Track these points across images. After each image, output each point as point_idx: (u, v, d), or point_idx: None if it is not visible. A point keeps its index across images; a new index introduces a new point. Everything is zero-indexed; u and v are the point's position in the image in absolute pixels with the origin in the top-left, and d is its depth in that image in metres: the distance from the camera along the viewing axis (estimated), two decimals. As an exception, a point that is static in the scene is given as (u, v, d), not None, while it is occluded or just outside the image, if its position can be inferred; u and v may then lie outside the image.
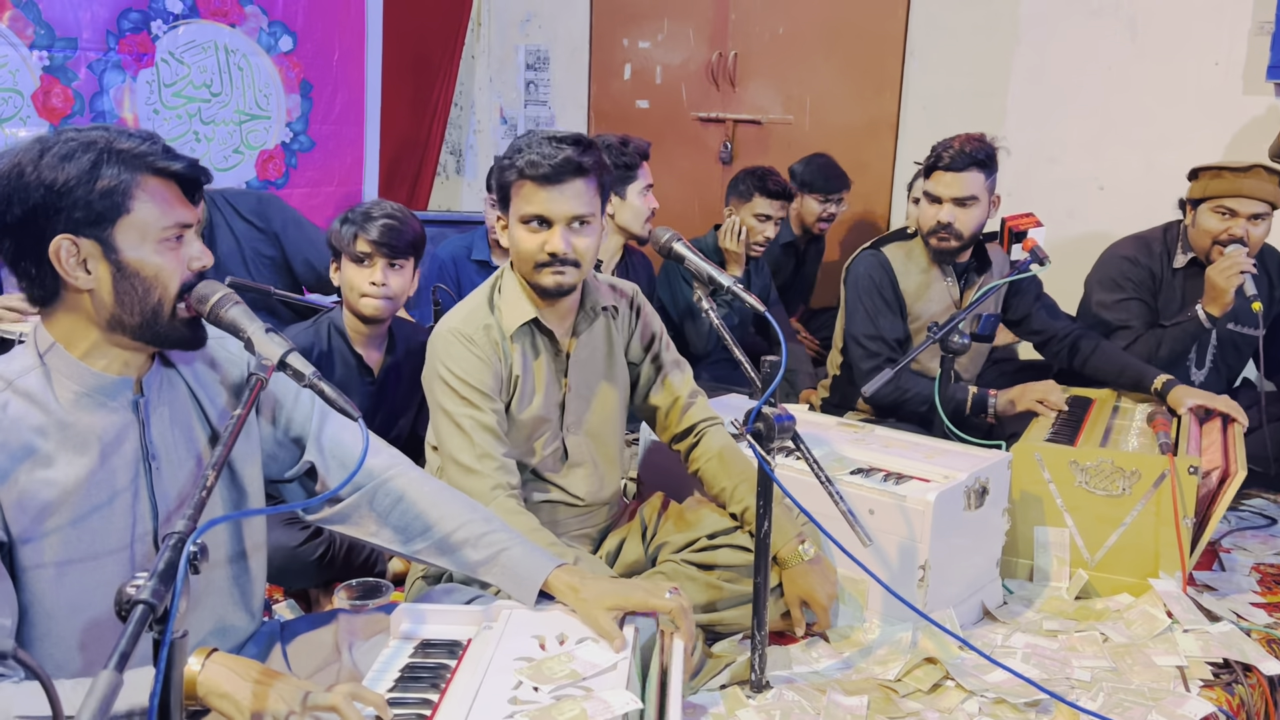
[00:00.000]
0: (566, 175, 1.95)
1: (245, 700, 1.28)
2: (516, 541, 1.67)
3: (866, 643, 2.09)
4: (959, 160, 2.80)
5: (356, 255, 2.43)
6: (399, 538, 1.67)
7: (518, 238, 2.01)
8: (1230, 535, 2.78)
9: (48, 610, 1.42)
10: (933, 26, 4.30)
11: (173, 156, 1.42)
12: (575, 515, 2.18)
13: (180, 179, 1.42)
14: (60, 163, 1.35)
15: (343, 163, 4.58)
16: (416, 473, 1.72)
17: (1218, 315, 2.93)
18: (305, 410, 1.66)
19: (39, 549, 1.39)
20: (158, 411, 1.50)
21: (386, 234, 2.44)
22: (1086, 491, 2.39)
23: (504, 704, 1.38)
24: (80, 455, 1.41)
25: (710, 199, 4.86)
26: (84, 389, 1.42)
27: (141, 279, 1.39)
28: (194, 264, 1.44)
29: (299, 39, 4.34)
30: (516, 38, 5.42)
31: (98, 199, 1.35)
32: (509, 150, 2.02)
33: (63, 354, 1.42)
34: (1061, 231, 4.02)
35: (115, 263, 1.38)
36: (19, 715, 1.26)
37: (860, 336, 2.93)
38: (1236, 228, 2.94)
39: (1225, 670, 2.06)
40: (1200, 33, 3.77)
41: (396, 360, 2.58)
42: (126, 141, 1.39)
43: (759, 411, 1.75)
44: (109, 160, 1.36)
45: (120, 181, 1.36)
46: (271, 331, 1.42)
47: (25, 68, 3.68)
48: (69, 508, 1.40)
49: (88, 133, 1.38)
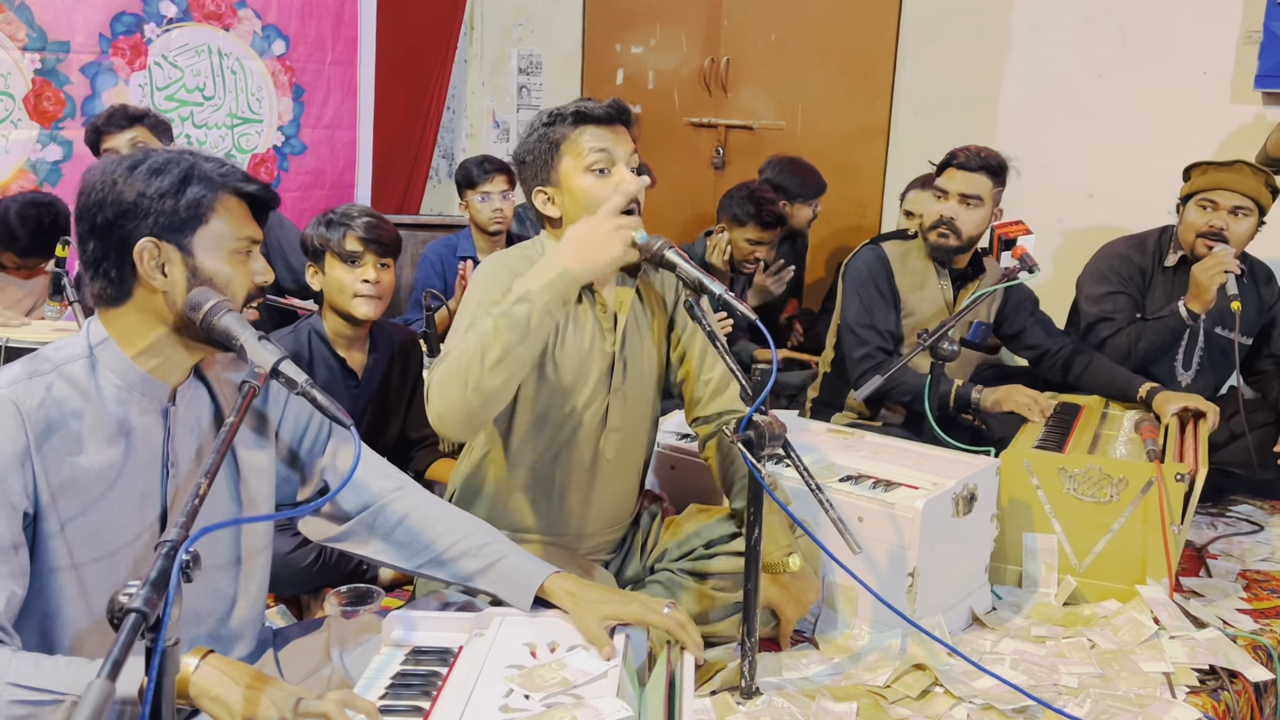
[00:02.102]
0: (620, 119, 1.96)
1: (237, 704, 1.29)
2: (515, 551, 1.69)
3: (856, 649, 2.10)
4: (972, 160, 2.87)
5: (347, 254, 2.43)
6: (402, 555, 1.70)
7: (583, 188, 1.93)
8: (1217, 541, 2.80)
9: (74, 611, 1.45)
10: (924, 33, 4.33)
11: (250, 180, 1.56)
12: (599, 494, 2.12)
13: (253, 200, 1.55)
14: (151, 176, 1.46)
15: (334, 167, 4.59)
16: (422, 495, 1.74)
17: (1199, 313, 2.95)
18: (319, 433, 1.71)
19: (62, 546, 1.43)
20: (184, 423, 1.55)
21: (374, 231, 2.45)
22: (1074, 498, 2.40)
23: (495, 711, 1.38)
24: (108, 447, 1.47)
25: (702, 204, 4.88)
26: (125, 384, 1.48)
27: (215, 285, 1.49)
28: (258, 278, 1.55)
29: (291, 43, 4.35)
30: (509, 42, 5.43)
31: (183, 209, 1.47)
32: (539, 121, 1.97)
33: (114, 349, 1.49)
34: (1052, 239, 4.04)
35: (192, 268, 1.48)
36: (11, 682, 1.29)
37: (854, 325, 2.95)
38: (1217, 219, 2.98)
39: (1211, 676, 2.07)
40: (1189, 41, 3.80)
41: (379, 361, 2.58)
42: (209, 164, 1.52)
43: (750, 419, 1.76)
44: (195, 178, 1.49)
45: (204, 196, 1.49)
46: (265, 339, 1.44)
47: (17, 70, 3.68)
48: (90, 501, 1.45)
49: (176, 154, 1.51)
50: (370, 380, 2.56)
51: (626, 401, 2.08)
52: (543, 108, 2.03)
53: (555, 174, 1.96)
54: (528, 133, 2.00)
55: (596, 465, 2.08)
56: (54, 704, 1.29)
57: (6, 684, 1.29)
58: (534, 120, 2.00)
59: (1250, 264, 3.18)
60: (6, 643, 1.34)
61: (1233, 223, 2.98)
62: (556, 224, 2.00)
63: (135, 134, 3.20)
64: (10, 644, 1.34)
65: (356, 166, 4.65)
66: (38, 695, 1.29)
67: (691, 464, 2.39)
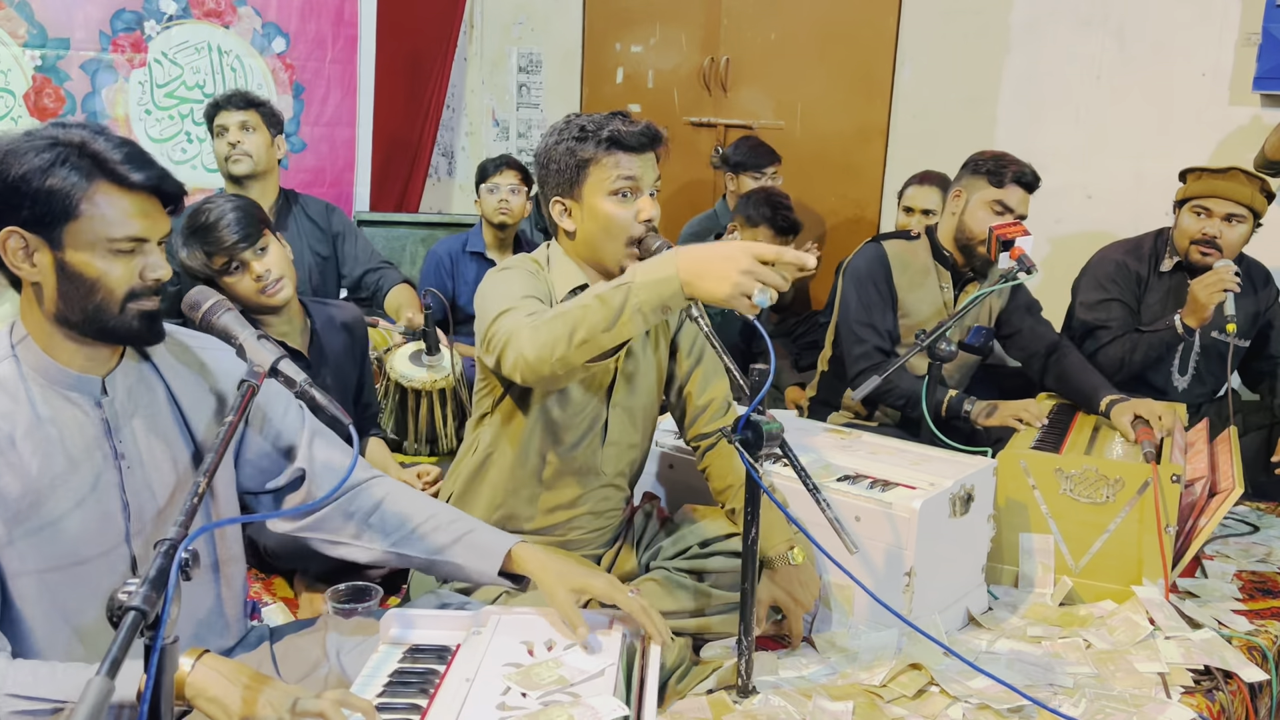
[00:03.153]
0: (652, 146, 1.97)
1: (234, 705, 1.29)
2: (483, 526, 1.70)
3: (852, 649, 2.10)
4: (1030, 181, 2.85)
5: (231, 266, 2.38)
6: (376, 537, 1.67)
7: (605, 211, 1.94)
8: (1212, 543, 2.81)
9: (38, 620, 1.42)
10: (924, 34, 4.33)
11: (138, 166, 1.39)
12: (593, 505, 2.14)
13: (144, 191, 1.40)
14: (22, 157, 1.35)
15: (334, 165, 4.59)
16: (392, 482, 1.74)
17: (1194, 328, 2.96)
18: (295, 421, 1.67)
19: (19, 553, 1.40)
20: (128, 412, 1.49)
21: (237, 229, 2.37)
22: (1071, 499, 2.41)
23: (492, 710, 1.39)
24: (46, 449, 1.42)
25: (701, 204, 4.88)
26: (48, 382, 1.43)
27: (84, 280, 1.39)
28: (149, 274, 1.42)
29: (292, 40, 4.35)
30: (509, 40, 5.43)
31: (45, 198, 1.35)
32: (569, 131, 1.95)
33: (31, 345, 1.43)
34: (1050, 240, 4.05)
35: (59, 261, 1.38)
36: (10, 693, 1.27)
37: (853, 323, 2.95)
38: (1210, 227, 3.00)
39: (1206, 677, 2.08)
40: (1188, 43, 3.80)
41: (325, 340, 2.57)
42: (97, 144, 1.38)
43: (747, 419, 1.76)
44: (64, 162, 1.36)
45: (70, 185, 1.36)
46: (264, 338, 1.43)
47: (17, 67, 3.68)
48: (40, 507, 1.41)
49: (68, 131, 1.38)
50: (318, 359, 2.55)
51: (625, 415, 2.11)
52: (573, 115, 2.00)
53: (578, 190, 1.96)
54: (556, 139, 1.98)
55: (592, 477, 2.11)
56: (54, 712, 1.28)
57: (5, 695, 1.27)
58: (563, 127, 1.98)
59: (1247, 265, 3.18)
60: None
61: (1226, 230, 3.01)
62: (570, 236, 2.01)
63: (246, 117, 3.26)
64: (2, 651, 1.33)
65: (356, 164, 4.65)
66: (38, 705, 1.28)
67: (690, 463, 2.40)
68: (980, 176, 2.87)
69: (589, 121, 1.95)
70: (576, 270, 2.02)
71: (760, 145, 4.25)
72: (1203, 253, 3.02)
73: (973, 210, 2.89)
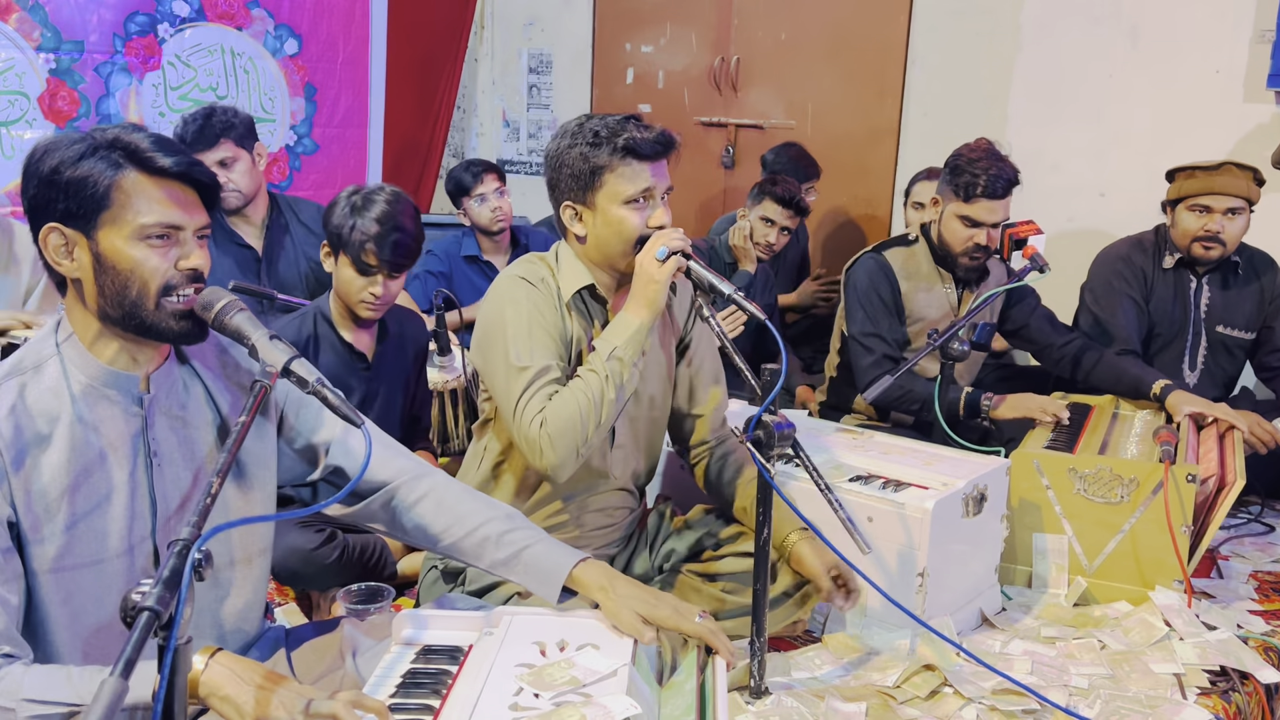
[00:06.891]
0: (666, 153, 1.97)
1: (247, 704, 1.29)
2: (539, 539, 1.66)
3: (865, 649, 2.10)
4: (1001, 188, 2.81)
5: (363, 266, 2.41)
6: (421, 536, 1.68)
7: (617, 218, 1.95)
8: (1228, 543, 2.79)
9: (53, 617, 1.43)
10: (934, 33, 4.32)
11: (167, 152, 1.40)
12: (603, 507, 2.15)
13: (176, 178, 1.41)
14: (56, 152, 1.38)
15: (346, 165, 4.60)
16: (441, 477, 1.72)
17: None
18: (328, 418, 1.66)
19: (44, 550, 1.40)
20: (166, 410, 1.50)
21: (397, 253, 2.40)
22: (1085, 499, 2.40)
23: (505, 710, 1.39)
24: (84, 447, 1.43)
25: (711, 204, 4.88)
26: (91, 380, 1.44)
27: (119, 272, 1.40)
28: (183, 264, 1.42)
29: (304, 42, 4.36)
30: (519, 41, 5.43)
31: (76, 188, 1.37)
32: (583, 136, 1.94)
33: (76, 344, 1.45)
34: (1062, 238, 4.03)
35: (95, 254, 1.40)
36: (27, 698, 1.27)
37: (859, 335, 2.95)
38: (1212, 223, 3.04)
39: (1222, 678, 2.06)
40: (1201, 40, 3.78)
41: (389, 345, 2.59)
42: (128, 136, 1.39)
43: (759, 419, 1.76)
44: (94, 152, 1.38)
45: (99, 173, 1.37)
46: (276, 338, 1.43)
47: (31, 70, 3.69)
48: (70, 503, 1.42)
49: (103, 129, 1.40)
50: (381, 364, 2.57)
51: (634, 421, 2.12)
52: (585, 117, 2.00)
53: (591, 197, 1.96)
54: (569, 142, 1.97)
55: (601, 480, 2.11)
56: (70, 716, 1.28)
57: (22, 700, 1.27)
58: (575, 131, 1.97)
59: (1250, 255, 3.20)
60: (18, 657, 1.32)
61: (1228, 224, 3.05)
62: (581, 240, 2.01)
63: (223, 154, 3.07)
64: (22, 659, 1.33)
65: (368, 165, 4.66)
66: (53, 709, 1.28)
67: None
68: (950, 187, 2.87)
69: (602, 126, 1.94)
70: (584, 272, 2.03)
71: (804, 156, 4.22)
72: (1206, 247, 3.07)
73: (947, 222, 2.91)
